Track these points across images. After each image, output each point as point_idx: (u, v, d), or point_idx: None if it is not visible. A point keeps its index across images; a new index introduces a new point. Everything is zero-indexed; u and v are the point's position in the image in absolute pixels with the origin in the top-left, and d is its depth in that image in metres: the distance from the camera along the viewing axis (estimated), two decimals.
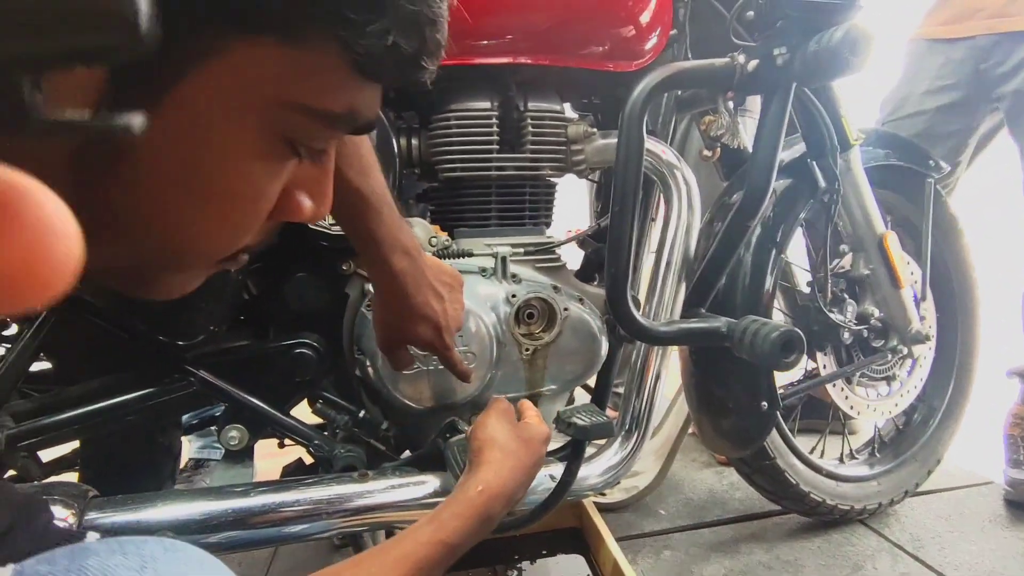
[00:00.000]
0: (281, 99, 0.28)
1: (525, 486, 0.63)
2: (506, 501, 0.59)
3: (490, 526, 0.58)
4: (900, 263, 1.00)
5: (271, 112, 0.28)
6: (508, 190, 0.90)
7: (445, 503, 0.57)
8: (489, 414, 0.66)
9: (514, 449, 0.62)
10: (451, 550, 0.53)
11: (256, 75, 0.26)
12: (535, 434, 0.65)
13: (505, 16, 0.82)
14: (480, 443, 0.63)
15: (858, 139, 0.93)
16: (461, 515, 0.55)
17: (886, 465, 1.19)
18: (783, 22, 0.70)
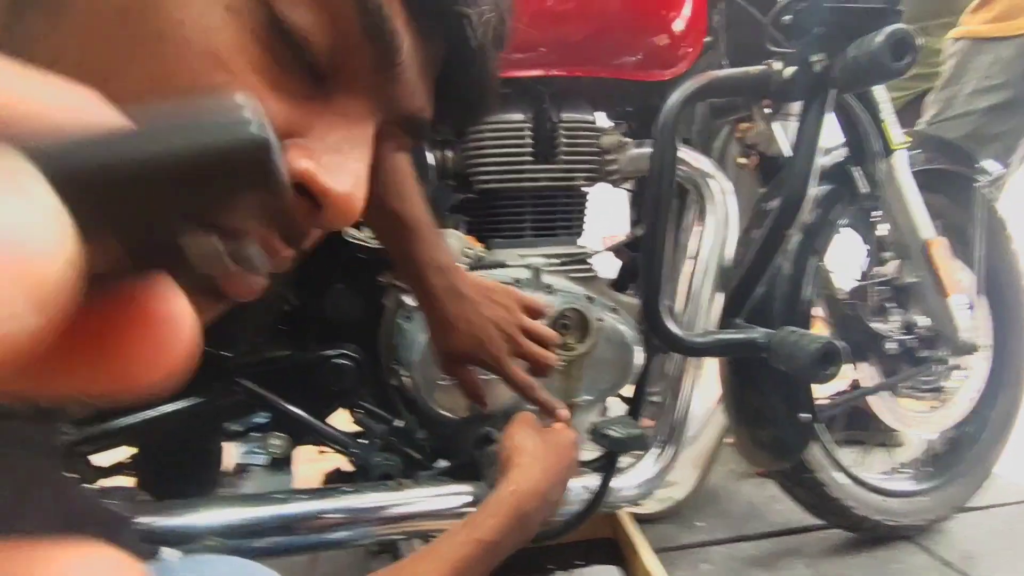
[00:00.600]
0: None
1: (559, 487, 0.64)
2: (538, 499, 0.61)
3: (527, 524, 0.59)
4: (947, 271, 0.97)
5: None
6: (542, 201, 0.90)
7: (479, 507, 0.59)
8: (514, 425, 0.68)
9: (541, 452, 0.64)
10: (487, 548, 0.55)
11: None
12: (561, 438, 0.67)
13: (539, 29, 0.83)
14: (508, 452, 0.65)
15: (902, 144, 0.91)
16: (494, 514, 0.57)
17: (935, 479, 1.15)
18: (820, 28, 0.69)
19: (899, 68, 0.62)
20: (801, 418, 0.91)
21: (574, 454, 0.67)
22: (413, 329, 0.80)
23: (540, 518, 0.61)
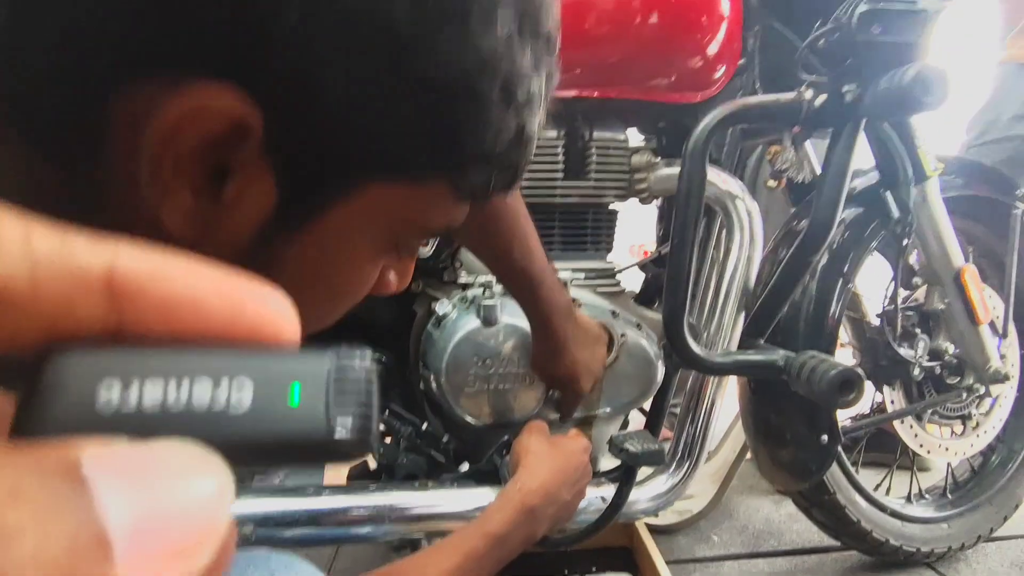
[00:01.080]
0: (401, 220, 0.34)
1: (568, 487, 0.67)
2: (543, 496, 0.64)
3: (534, 520, 0.63)
4: (979, 299, 0.96)
5: (391, 229, 0.35)
6: (571, 216, 0.93)
7: (490, 504, 0.64)
8: (525, 431, 0.73)
9: (548, 454, 0.68)
10: (495, 541, 0.59)
11: (386, 206, 0.32)
12: (571, 443, 0.71)
13: (574, 51, 0.85)
14: (517, 455, 0.69)
15: (936, 170, 0.90)
16: (502, 508, 0.62)
17: (958, 507, 1.13)
18: (853, 59, 0.70)
19: (929, 103, 0.63)
20: (822, 440, 0.92)
21: (584, 458, 0.71)
22: (442, 336, 0.83)
23: (549, 515, 0.65)
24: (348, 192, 0.31)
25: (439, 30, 0.28)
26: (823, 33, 0.72)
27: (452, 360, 0.81)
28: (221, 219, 0.29)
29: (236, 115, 0.26)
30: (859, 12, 0.68)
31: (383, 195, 0.32)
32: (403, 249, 0.38)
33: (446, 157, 0.32)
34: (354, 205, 0.32)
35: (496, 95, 0.30)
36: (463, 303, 0.84)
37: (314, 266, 0.33)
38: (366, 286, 0.38)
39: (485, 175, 0.33)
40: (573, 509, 0.69)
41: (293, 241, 0.32)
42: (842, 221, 0.95)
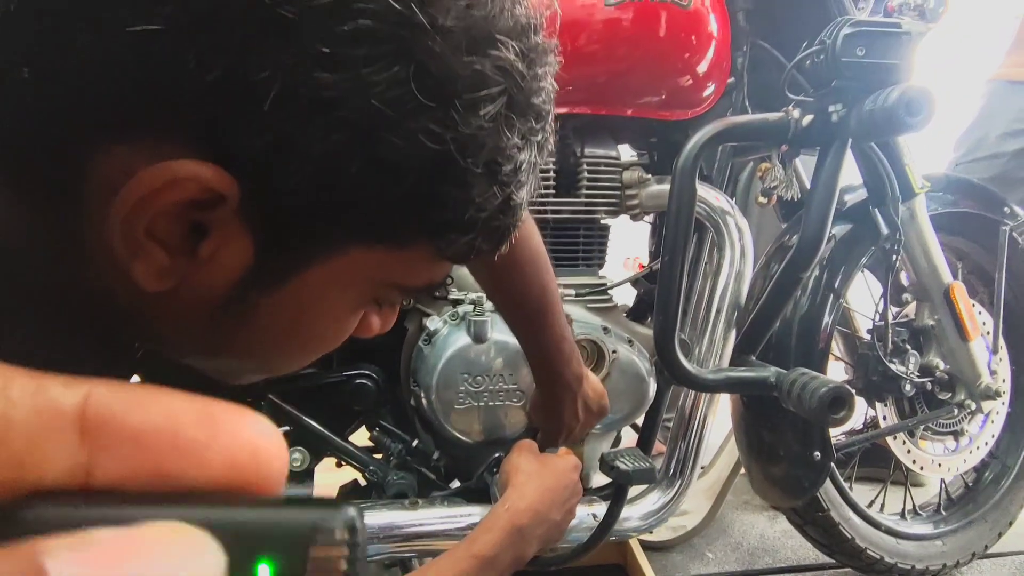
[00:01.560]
0: (382, 280, 0.34)
1: (558, 507, 0.66)
2: (532, 515, 0.63)
3: (523, 540, 0.62)
4: (969, 315, 0.96)
5: (370, 287, 0.35)
6: (563, 232, 0.93)
7: (478, 524, 0.63)
8: (514, 450, 0.71)
9: (537, 472, 0.67)
10: (485, 562, 0.58)
11: (365, 267, 0.33)
12: (560, 462, 0.70)
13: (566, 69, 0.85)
14: (506, 475, 0.68)
15: (923, 188, 0.91)
16: (489, 530, 0.60)
17: (953, 524, 1.13)
18: (839, 80, 0.71)
19: (913, 124, 0.64)
20: (815, 456, 0.91)
21: (574, 477, 0.70)
22: (433, 353, 0.83)
23: (539, 535, 0.64)
24: (327, 254, 0.31)
25: (419, 114, 0.27)
26: (809, 54, 0.73)
27: (442, 377, 0.81)
28: (196, 274, 0.29)
29: (210, 185, 0.26)
30: (844, 34, 0.69)
31: (362, 257, 0.32)
32: (384, 304, 0.38)
33: (427, 226, 0.32)
34: (333, 265, 0.31)
35: (480, 171, 0.30)
36: (454, 319, 0.84)
37: (290, 319, 0.34)
38: (343, 335, 0.38)
39: (467, 241, 0.33)
40: (564, 529, 0.68)
41: (270, 296, 0.32)
42: (832, 237, 0.95)
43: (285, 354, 0.37)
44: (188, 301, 0.31)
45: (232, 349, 0.35)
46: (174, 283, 0.29)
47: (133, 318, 0.32)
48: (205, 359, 0.38)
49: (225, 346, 0.34)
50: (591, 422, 0.78)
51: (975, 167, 1.30)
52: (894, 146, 0.88)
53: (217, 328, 0.32)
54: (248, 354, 0.36)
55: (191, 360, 0.38)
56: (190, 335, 0.33)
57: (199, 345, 0.35)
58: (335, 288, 0.33)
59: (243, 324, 0.33)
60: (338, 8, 0.25)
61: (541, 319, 0.66)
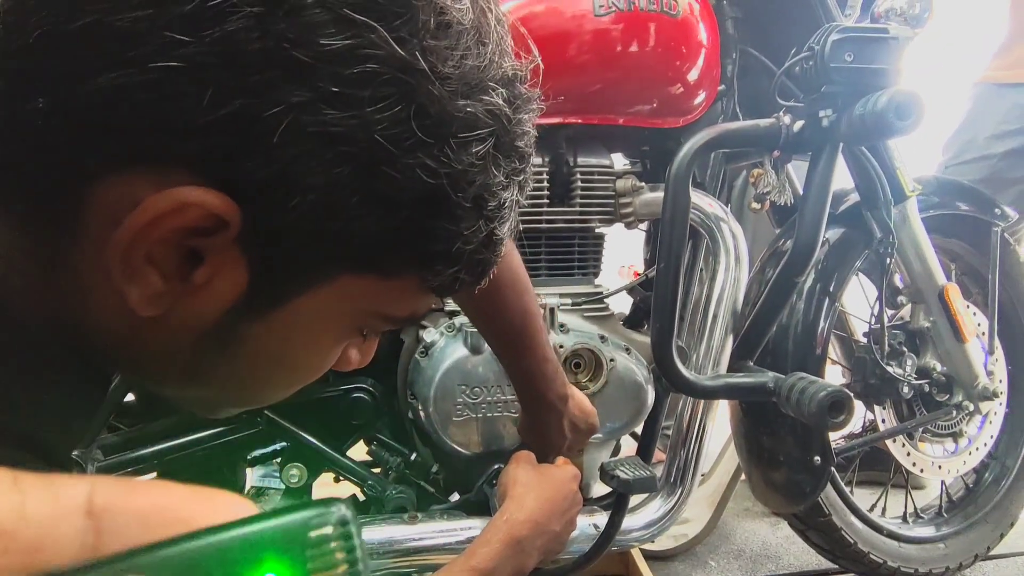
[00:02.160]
0: (368, 310, 0.35)
1: (557, 517, 0.66)
2: (531, 527, 0.63)
3: (522, 552, 0.61)
4: (964, 316, 0.97)
5: (356, 317, 0.36)
6: (557, 241, 0.93)
7: (476, 537, 0.62)
8: (512, 461, 0.71)
9: (535, 483, 0.67)
10: (483, 575, 0.57)
11: (353, 297, 0.34)
12: (559, 472, 0.70)
13: (557, 79, 0.86)
14: (504, 486, 0.67)
15: (914, 191, 0.92)
16: (488, 542, 0.60)
17: (954, 526, 1.13)
18: (828, 86, 0.71)
19: (903, 127, 0.64)
20: (815, 461, 0.91)
21: (574, 487, 0.69)
22: (430, 365, 0.83)
23: (538, 546, 0.63)
24: (319, 283, 0.32)
25: (417, 150, 0.29)
26: (798, 60, 0.74)
27: (440, 389, 0.81)
28: (188, 299, 0.30)
29: (216, 211, 0.27)
30: (832, 40, 0.70)
31: (351, 286, 0.33)
32: (368, 334, 0.39)
33: (417, 257, 0.33)
34: (322, 294, 0.32)
35: (469, 205, 0.32)
36: (450, 331, 0.84)
37: (276, 349, 0.34)
38: (325, 367, 0.39)
39: (452, 273, 0.34)
40: (564, 540, 0.67)
41: (258, 324, 0.32)
42: (826, 241, 0.96)
43: (267, 385, 0.38)
44: (176, 328, 0.31)
45: (213, 379, 0.35)
46: (165, 309, 0.30)
47: (117, 349, 0.32)
48: (184, 389, 0.37)
49: (207, 376, 0.35)
50: (580, 441, 0.78)
51: (964, 169, 1.31)
52: (885, 150, 0.89)
53: (202, 356, 0.33)
54: (229, 384, 0.36)
55: (169, 391, 0.38)
56: (173, 364, 0.34)
57: (180, 375, 0.35)
58: (323, 317, 0.34)
59: (228, 353, 0.33)
60: (348, 53, 0.26)
61: (523, 341, 0.67)
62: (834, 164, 0.75)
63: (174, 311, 0.30)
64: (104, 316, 0.31)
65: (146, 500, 0.14)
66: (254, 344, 0.33)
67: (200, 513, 0.14)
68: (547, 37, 0.84)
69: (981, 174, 1.27)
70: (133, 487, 0.14)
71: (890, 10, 0.75)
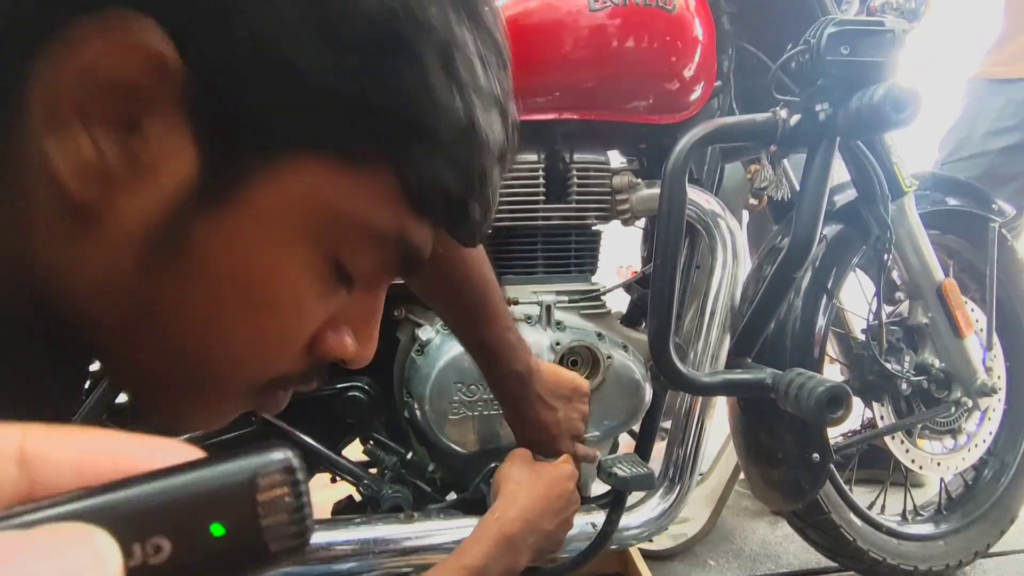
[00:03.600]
0: (337, 211, 0.30)
1: (550, 515, 0.65)
2: (523, 524, 0.62)
3: (513, 549, 0.60)
4: (961, 312, 0.96)
5: (326, 225, 0.30)
6: (554, 239, 0.93)
7: (467, 536, 0.61)
8: (507, 460, 0.70)
9: (528, 481, 0.65)
10: (475, 574, 0.56)
11: (316, 186, 0.29)
12: (554, 470, 0.68)
13: (554, 75, 0.86)
14: (497, 484, 0.67)
15: (911, 186, 0.92)
16: (479, 540, 0.59)
17: (954, 524, 1.12)
18: (824, 79, 0.71)
19: (899, 120, 0.64)
20: (814, 458, 0.91)
21: (570, 486, 0.68)
22: (426, 363, 0.82)
23: (530, 544, 0.62)
24: (273, 162, 0.28)
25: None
26: (794, 54, 0.74)
27: (436, 387, 0.80)
28: (128, 188, 0.27)
29: (156, 53, 0.25)
30: (828, 33, 0.69)
31: (313, 171, 0.29)
32: (354, 274, 0.33)
33: (380, 128, 0.29)
34: (278, 180, 0.28)
35: (433, 60, 0.29)
36: (446, 329, 0.83)
37: (233, 261, 0.29)
38: (300, 311, 0.32)
39: (432, 166, 0.30)
40: (559, 539, 0.66)
41: (210, 225, 0.28)
42: (823, 237, 0.95)
43: (227, 326, 0.31)
44: (116, 234, 0.27)
45: (162, 315, 0.30)
46: (98, 193, 0.26)
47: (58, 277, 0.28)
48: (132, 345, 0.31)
49: (155, 309, 0.30)
50: (576, 409, 0.73)
51: (961, 166, 1.31)
52: (882, 145, 0.89)
53: (147, 278, 0.29)
54: (181, 325, 0.30)
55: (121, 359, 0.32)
56: (116, 292, 0.29)
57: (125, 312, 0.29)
58: (285, 218, 0.29)
59: (177, 272, 0.29)
60: None
61: (486, 310, 0.64)
62: (831, 159, 0.75)
63: (113, 208, 0.27)
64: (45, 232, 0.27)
65: (82, 447, 0.13)
66: (208, 255, 0.29)
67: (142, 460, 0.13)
68: (542, 32, 0.84)
69: (977, 170, 1.27)
70: (69, 434, 0.13)
71: (886, 3, 0.75)
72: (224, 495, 0.13)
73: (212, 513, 0.13)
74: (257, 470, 0.13)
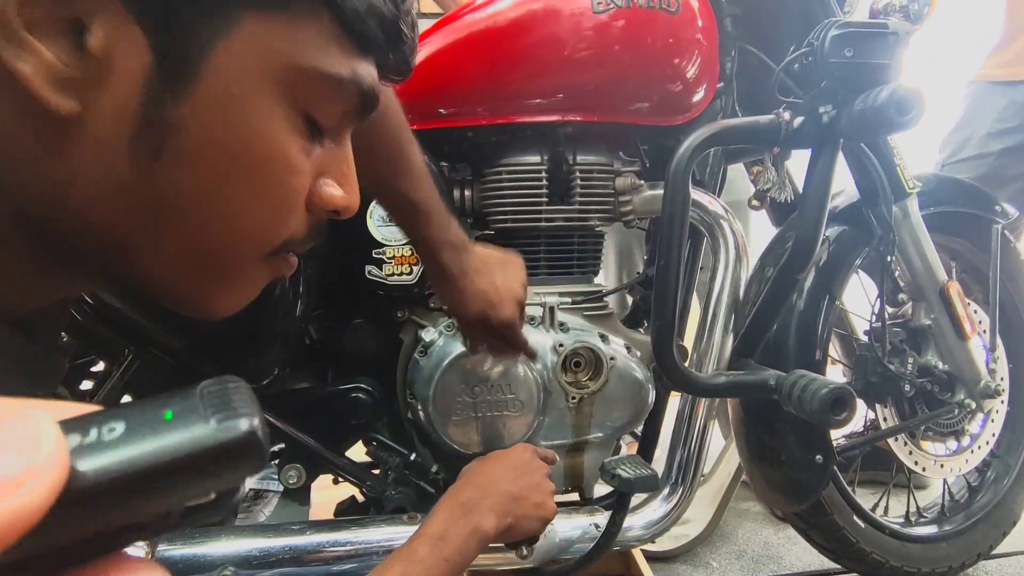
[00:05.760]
0: (293, 64, 0.33)
1: (507, 477, 0.67)
2: (476, 488, 0.65)
3: (470, 512, 0.62)
4: (965, 313, 0.96)
5: (287, 78, 0.33)
6: (557, 240, 0.92)
7: None
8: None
9: (478, 461, 0.71)
10: (435, 539, 0.58)
11: (269, 44, 0.32)
12: (506, 450, 0.72)
13: (556, 77, 0.86)
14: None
15: (914, 188, 0.92)
16: (435, 512, 0.62)
17: (957, 525, 1.12)
18: (828, 81, 0.71)
19: (903, 122, 0.64)
20: (817, 460, 0.91)
21: (526, 454, 0.72)
22: (429, 364, 0.82)
23: (490, 505, 0.63)
24: (221, 32, 0.31)
25: None
26: (797, 56, 0.74)
27: (439, 388, 0.80)
28: (98, 90, 0.29)
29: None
30: (831, 35, 0.69)
31: (261, 32, 0.32)
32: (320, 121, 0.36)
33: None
34: (233, 48, 0.31)
35: None
36: (449, 330, 0.83)
37: (219, 133, 0.32)
38: (291, 165, 0.35)
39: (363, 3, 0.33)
40: (532, 500, 0.67)
41: (185, 103, 0.31)
42: (826, 239, 0.95)
43: (235, 198, 0.34)
44: (102, 135, 0.30)
45: (175, 206, 0.32)
46: (75, 100, 0.28)
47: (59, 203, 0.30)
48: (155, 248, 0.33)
49: (166, 202, 0.32)
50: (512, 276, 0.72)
51: (961, 168, 1.31)
52: (885, 147, 0.89)
53: (147, 173, 0.31)
54: (195, 211, 0.33)
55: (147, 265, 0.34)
56: (122, 196, 0.31)
57: (138, 215, 0.32)
58: (249, 81, 0.32)
59: (173, 157, 0.31)
60: None
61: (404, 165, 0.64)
62: (834, 161, 0.75)
63: (90, 111, 0.29)
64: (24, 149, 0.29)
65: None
66: (193, 133, 0.31)
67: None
68: (545, 34, 0.84)
69: (978, 172, 1.27)
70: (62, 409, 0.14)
71: (889, 5, 0.75)
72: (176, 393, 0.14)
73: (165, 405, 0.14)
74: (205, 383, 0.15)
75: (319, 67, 0.34)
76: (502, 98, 0.85)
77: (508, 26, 0.83)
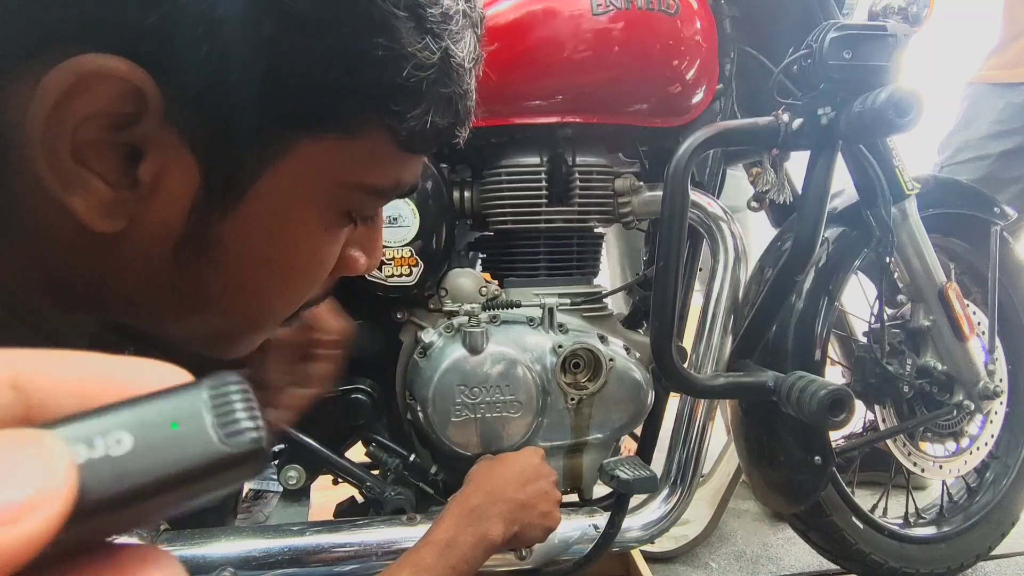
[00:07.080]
0: (341, 182, 0.33)
1: (515, 484, 0.67)
2: (485, 494, 0.64)
3: (478, 518, 0.62)
4: (963, 315, 0.97)
5: (333, 193, 0.33)
6: (556, 241, 0.93)
7: None
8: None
9: (486, 465, 0.70)
10: (442, 545, 0.58)
11: (320, 166, 0.31)
12: (516, 453, 0.71)
13: (555, 78, 0.86)
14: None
15: (913, 189, 0.92)
16: (442, 518, 0.62)
17: (955, 526, 1.12)
18: (827, 83, 0.71)
19: (902, 124, 0.64)
20: (816, 461, 0.91)
21: (534, 459, 0.71)
22: (428, 366, 0.82)
23: (499, 512, 0.63)
24: (274, 157, 0.30)
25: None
26: (796, 58, 0.74)
27: (438, 389, 0.80)
28: (147, 207, 0.28)
29: (126, 78, 0.25)
30: (830, 37, 0.70)
31: (314, 153, 0.31)
32: (358, 217, 0.36)
33: (366, 96, 0.30)
34: (284, 170, 0.30)
35: (403, 13, 0.29)
36: (449, 332, 0.83)
37: (260, 245, 0.32)
38: (324, 263, 0.36)
39: (419, 115, 0.32)
40: (540, 510, 0.66)
41: (230, 220, 0.30)
42: (825, 240, 0.96)
43: (267, 293, 0.35)
44: (147, 243, 0.30)
45: (210, 297, 0.33)
46: (123, 221, 0.28)
47: (98, 288, 0.31)
48: (185, 320, 0.34)
49: (202, 295, 0.33)
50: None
51: (960, 169, 1.31)
52: (883, 148, 0.89)
53: (186, 272, 0.31)
54: (228, 301, 0.34)
55: (173, 327, 0.35)
56: (162, 289, 0.32)
57: (175, 302, 0.33)
58: (297, 199, 0.32)
59: (212, 262, 0.31)
60: None
61: None
62: (833, 162, 0.75)
63: (137, 224, 0.29)
64: (68, 251, 0.29)
65: (79, 370, 0.13)
66: (235, 245, 0.31)
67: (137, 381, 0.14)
68: (545, 36, 0.84)
69: (977, 174, 1.28)
70: (64, 357, 0.14)
71: (887, 7, 0.75)
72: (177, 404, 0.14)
73: (170, 413, 0.14)
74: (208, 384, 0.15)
75: (366, 182, 0.34)
76: (502, 99, 0.85)
77: (508, 28, 0.83)
